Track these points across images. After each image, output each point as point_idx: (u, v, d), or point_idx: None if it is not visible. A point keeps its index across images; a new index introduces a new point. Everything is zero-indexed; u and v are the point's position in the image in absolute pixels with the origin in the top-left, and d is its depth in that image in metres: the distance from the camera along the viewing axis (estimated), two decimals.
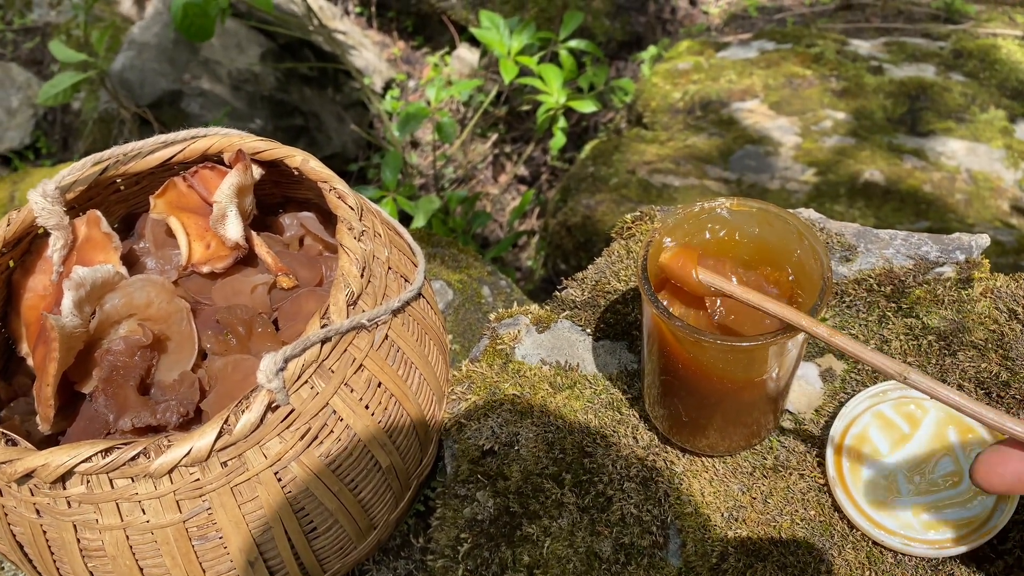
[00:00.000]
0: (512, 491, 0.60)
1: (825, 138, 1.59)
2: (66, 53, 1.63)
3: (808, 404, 0.63)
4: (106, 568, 0.50)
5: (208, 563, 0.50)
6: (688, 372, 0.52)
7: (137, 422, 0.53)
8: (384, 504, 0.57)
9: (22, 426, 0.56)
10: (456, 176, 2.36)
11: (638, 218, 0.77)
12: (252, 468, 0.49)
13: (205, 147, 0.62)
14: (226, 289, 0.62)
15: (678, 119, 1.74)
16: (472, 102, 2.48)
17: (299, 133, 2.31)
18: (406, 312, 0.59)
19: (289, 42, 2.39)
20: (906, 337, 0.64)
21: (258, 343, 0.58)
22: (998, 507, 0.54)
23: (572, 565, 0.56)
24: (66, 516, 0.48)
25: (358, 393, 0.53)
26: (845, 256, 0.70)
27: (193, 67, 2.17)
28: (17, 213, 0.59)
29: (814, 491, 0.58)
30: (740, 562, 0.55)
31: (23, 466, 0.46)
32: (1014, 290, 0.64)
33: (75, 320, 0.53)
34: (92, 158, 0.60)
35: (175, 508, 0.48)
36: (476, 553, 0.58)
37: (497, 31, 1.75)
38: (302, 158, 0.61)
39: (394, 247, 0.62)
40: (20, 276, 0.61)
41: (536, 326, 0.71)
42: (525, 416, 0.64)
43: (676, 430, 0.59)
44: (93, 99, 2.32)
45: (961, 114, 1.59)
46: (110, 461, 0.46)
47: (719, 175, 1.57)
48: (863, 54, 1.78)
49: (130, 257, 0.64)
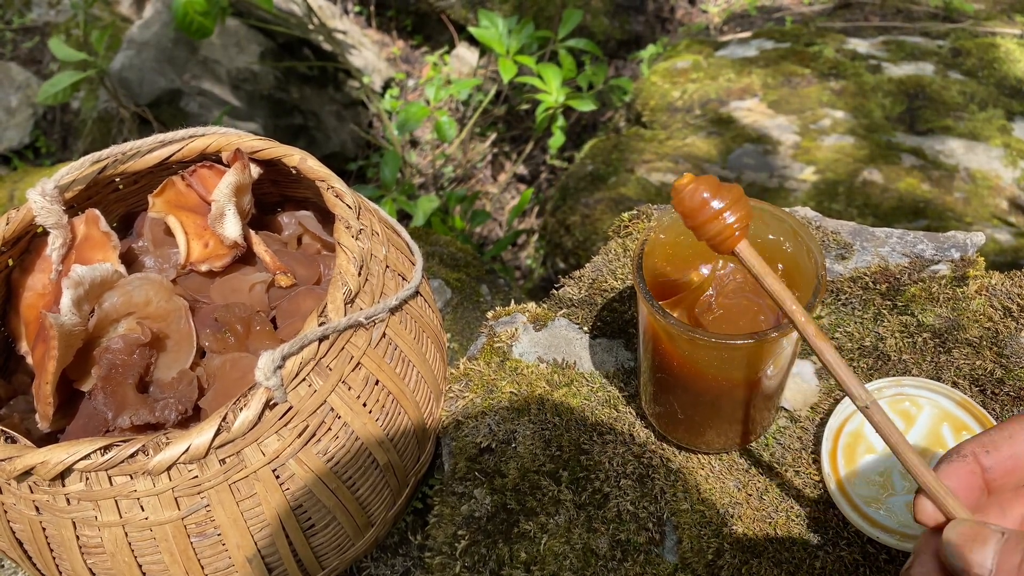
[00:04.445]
0: (509, 488, 0.60)
1: (824, 137, 1.59)
2: (65, 52, 1.63)
3: (803, 401, 0.63)
4: (105, 565, 0.50)
5: (206, 560, 0.50)
6: (683, 370, 0.52)
7: (136, 420, 0.53)
8: (382, 501, 0.58)
9: (22, 424, 0.57)
10: (455, 175, 2.36)
11: (635, 217, 0.77)
12: (250, 465, 0.49)
13: (203, 146, 0.63)
14: (224, 287, 0.62)
15: (677, 118, 1.74)
16: (471, 101, 2.48)
17: (298, 132, 2.32)
18: (404, 310, 0.59)
19: (288, 41, 2.40)
20: (901, 334, 0.64)
21: (256, 341, 0.59)
22: None
23: (569, 561, 0.56)
24: (65, 513, 0.48)
25: (356, 391, 0.53)
26: (841, 254, 0.70)
27: (192, 66, 2.17)
28: (16, 212, 0.59)
29: (809, 488, 0.58)
30: (736, 558, 0.55)
31: (22, 463, 0.46)
32: (1009, 288, 0.65)
33: (74, 318, 0.53)
34: (91, 157, 0.60)
35: (173, 505, 0.48)
36: (473, 550, 0.58)
37: (496, 30, 1.75)
38: (300, 157, 0.61)
39: (392, 245, 0.62)
40: (19, 275, 0.61)
41: (533, 324, 0.71)
42: (522, 414, 0.64)
43: (672, 427, 0.59)
44: (92, 98, 2.32)
45: (959, 113, 1.59)
46: (109, 458, 0.46)
47: (718, 174, 1.57)
48: (862, 53, 1.78)
49: (129, 256, 0.64)
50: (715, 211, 0.44)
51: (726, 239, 0.45)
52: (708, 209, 0.44)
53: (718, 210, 0.44)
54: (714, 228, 0.44)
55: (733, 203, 0.44)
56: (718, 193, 0.44)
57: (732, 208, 0.44)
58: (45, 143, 2.37)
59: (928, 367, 0.62)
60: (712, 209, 0.44)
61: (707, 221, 0.44)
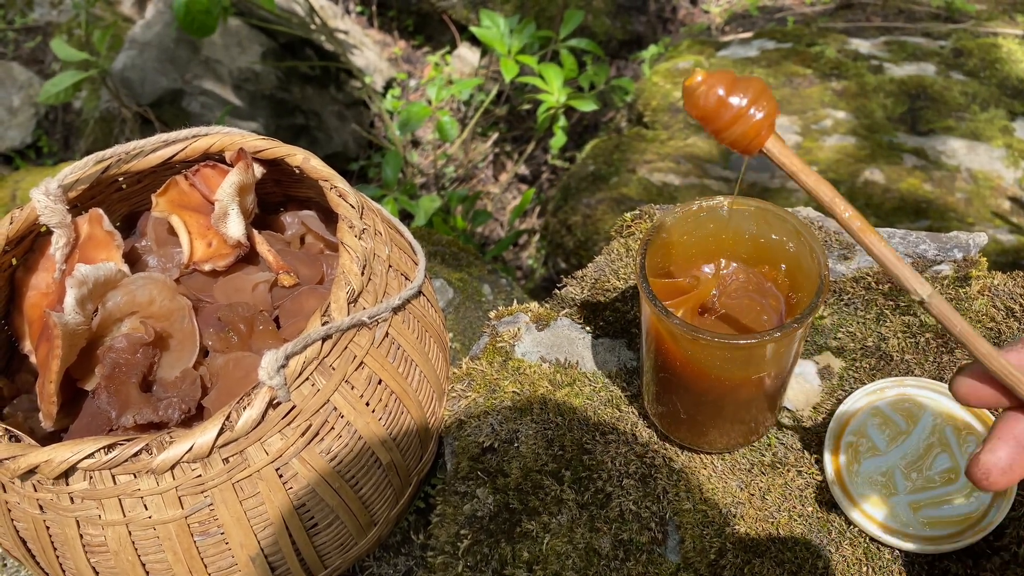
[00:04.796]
0: (512, 488, 0.60)
1: (825, 137, 1.59)
2: (68, 52, 1.64)
3: (806, 401, 0.63)
4: (108, 563, 0.50)
5: (209, 559, 0.51)
6: (686, 370, 0.53)
7: (139, 419, 0.53)
8: (384, 500, 0.58)
9: (25, 423, 0.57)
10: (457, 175, 2.36)
11: (637, 217, 0.77)
12: (253, 464, 0.49)
13: (207, 146, 0.63)
14: (228, 287, 0.63)
15: (678, 118, 1.74)
16: (473, 101, 2.48)
17: (300, 132, 2.32)
18: (406, 310, 0.59)
19: (290, 41, 2.40)
20: (904, 335, 0.64)
21: (259, 341, 0.59)
22: (994, 504, 0.54)
23: (571, 561, 0.56)
24: (69, 512, 0.49)
25: (359, 390, 0.53)
26: (843, 254, 0.70)
27: (194, 66, 2.17)
28: (20, 211, 0.60)
29: (812, 488, 0.58)
30: (738, 558, 0.55)
31: (26, 462, 0.46)
32: (1011, 288, 0.65)
33: (77, 317, 0.54)
34: (94, 157, 0.60)
35: (177, 504, 0.48)
36: (476, 549, 0.58)
37: (497, 30, 1.75)
38: (303, 157, 0.61)
39: (395, 245, 0.62)
40: (23, 274, 0.61)
41: (536, 324, 0.71)
42: (525, 413, 0.64)
43: (675, 427, 0.59)
44: (94, 98, 2.32)
45: (961, 113, 1.59)
46: (112, 457, 0.46)
47: (719, 174, 1.57)
48: (863, 53, 1.78)
49: (132, 255, 0.64)
50: (737, 109, 0.39)
51: (752, 139, 0.40)
52: (728, 108, 0.39)
53: (741, 108, 0.39)
54: (738, 129, 0.40)
55: (756, 97, 0.40)
56: (736, 88, 0.39)
57: (756, 103, 0.40)
58: (47, 143, 2.38)
59: (931, 367, 0.62)
60: (733, 108, 0.39)
61: (729, 123, 0.40)
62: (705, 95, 0.40)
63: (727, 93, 0.39)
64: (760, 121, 0.40)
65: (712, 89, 0.40)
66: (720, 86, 0.39)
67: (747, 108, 0.39)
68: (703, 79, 0.40)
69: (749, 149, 0.41)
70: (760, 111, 0.39)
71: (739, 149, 0.41)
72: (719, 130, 0.40)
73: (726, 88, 0.39)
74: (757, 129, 0.40)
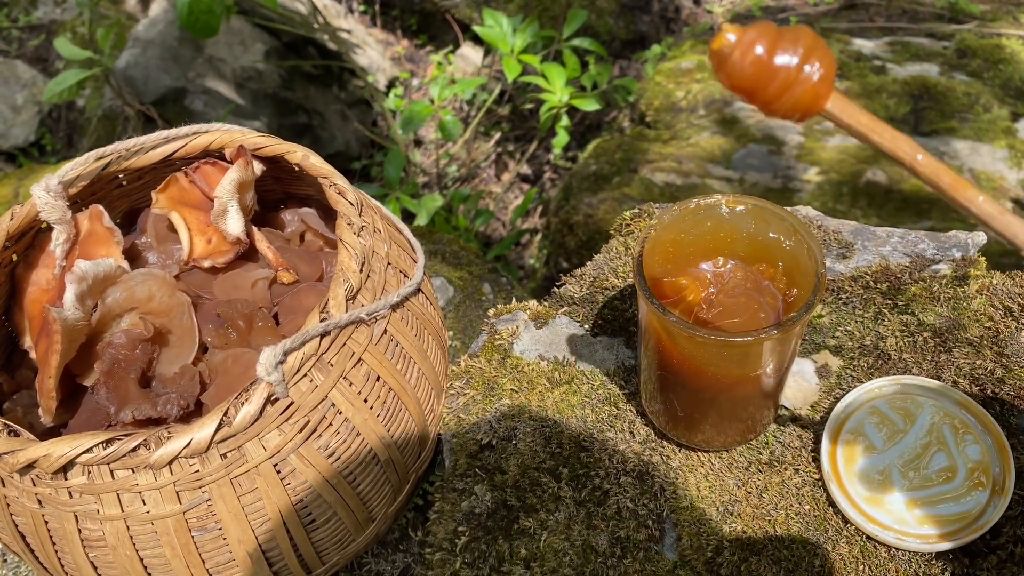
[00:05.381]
0: (509, 485, 0.61)
1: (828, 137, 1.59)
2: (71, 50, 1.64)
3: (804, 400, 0.63)
4: (107, 558, 0.50)
5: (207, 554, 0.51)
6: (683, 368, 0.53)
7: (138, 414, 0.53)
8: (382, 497, 0.58)
9: (25, 418, 0.57)
10: (459, 174, 2.36)
11: (637, 215, 0.78)
12: (251, 460, 0.49)
13: (207, 143, 0.63)
14: (227, 284, 0.63)
15: (681, 118, 1.74)
16: (475, 100, 2.48)
17: (303, 131, 2.32)
18: (405, 307, 0.60)
19: (293, 40, 2.40)
20: (902, 334, 0.64)
21: (258, 337, 0.59)
22: (991, 502, 0.54)
23: (568, 558, 0.57)
24: (67, 506, 0.49)
25: (357, 387, 0.53)
26: (842, 253, 0.70)
27: (197, 65, 2.18)
28: (20, 207, 0.60)
29: (809, 486, 0.58)
30: (735, 556, 0.55)
31: (25, 456, 0.47)
32: (1010, 287, 0.65)
33: (77, 313, 0.54)
34: (94, 153, 0.61)
35: (175, 499, 0.49)
36: (473, 546, 0.58)
37: (501, 29, 1.75)
38: (303, 154, 0.61)
39: (394, 243, 0.62)
40: (23, 270, 0.62)
41: (534, 322, 0.71)
42: (523, 411, 0.64)
43: (672, 425, 0.59)
44: (98, 96, 2.33)
45: (964, 114, 1.59)
46: (111, 452, 0.46)
47: (722, 174, 1.57)
48: (867, 53, 1.78)
49: (132, 252, 0.64)
50: (787, 73, 0.31)
51: (810, 105, 0.32)
52: (775, 74, 0.31)
53: (791, 70, 0.31)
54: (791, 97, 0.31)
55: (808, 52, 0.31)
56: (781, 44, 0.31)
57: (808, 59, 0.31)
58: (50, 141, 2.38)
59: (928, 366, 0.62)
60: (780, 72, 0.31)
61: (779, 91, 0.31)
62: (740, 61, 0.31)
63: (769, 53, 0.31)
64: (817, 83, 0.31)
65: (749, 51, 0.31)
66: (759, 44, 0.31)
67: (799, 69, 0.31)
68: (736, 38, 0.31)
69: (806, 115, 0.33)
70: (816, 69, 0.31)
71: (793, 119, 0.33)
72: (767, 102, 0.32)
73: (768, 46, 0.31)
74: (815, 93, 0.32)
